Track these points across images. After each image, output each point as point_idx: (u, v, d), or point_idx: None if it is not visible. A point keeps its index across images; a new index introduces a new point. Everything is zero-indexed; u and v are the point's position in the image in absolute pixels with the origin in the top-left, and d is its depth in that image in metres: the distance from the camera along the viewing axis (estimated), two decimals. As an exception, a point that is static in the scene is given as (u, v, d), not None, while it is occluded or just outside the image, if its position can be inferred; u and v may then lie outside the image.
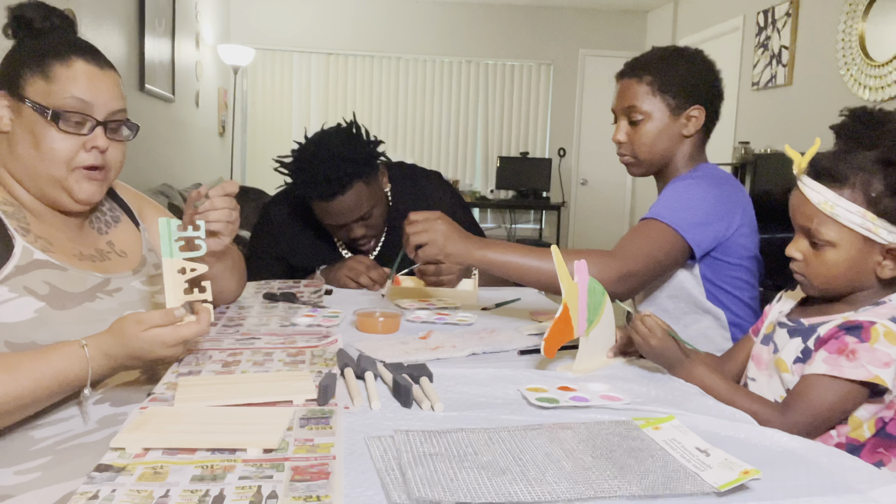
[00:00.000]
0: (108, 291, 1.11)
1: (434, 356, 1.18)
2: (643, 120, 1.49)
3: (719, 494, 0.70)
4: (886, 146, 1.03)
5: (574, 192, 7.09)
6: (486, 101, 6.97)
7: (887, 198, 1.02)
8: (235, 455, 0.74)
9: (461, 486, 0.68)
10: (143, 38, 3.93)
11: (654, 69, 1.49)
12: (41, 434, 0.99)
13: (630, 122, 1.51)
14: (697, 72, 1.50)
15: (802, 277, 1.11)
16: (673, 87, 1.47)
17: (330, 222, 1.80)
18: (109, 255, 1.19)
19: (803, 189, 1.09)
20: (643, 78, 1.49)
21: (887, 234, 1.03)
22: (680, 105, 1.48)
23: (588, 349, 1.15)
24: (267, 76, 6.63)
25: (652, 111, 1.48)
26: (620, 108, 1.53)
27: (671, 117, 1.48)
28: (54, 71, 1.07)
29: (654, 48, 1.57)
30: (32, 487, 0.96)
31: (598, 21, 6.89)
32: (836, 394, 1.02)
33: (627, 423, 0.87)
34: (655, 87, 1.48)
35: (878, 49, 3.70)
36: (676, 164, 1.52)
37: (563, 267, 1.12)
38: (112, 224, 1.25)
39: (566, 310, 1.09)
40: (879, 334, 1.01)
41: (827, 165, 1.06)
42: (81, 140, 1.08)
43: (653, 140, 1.49)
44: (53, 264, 1.05)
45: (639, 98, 1.49)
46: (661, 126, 1.49)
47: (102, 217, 1.24)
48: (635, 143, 1.51)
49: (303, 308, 1.51)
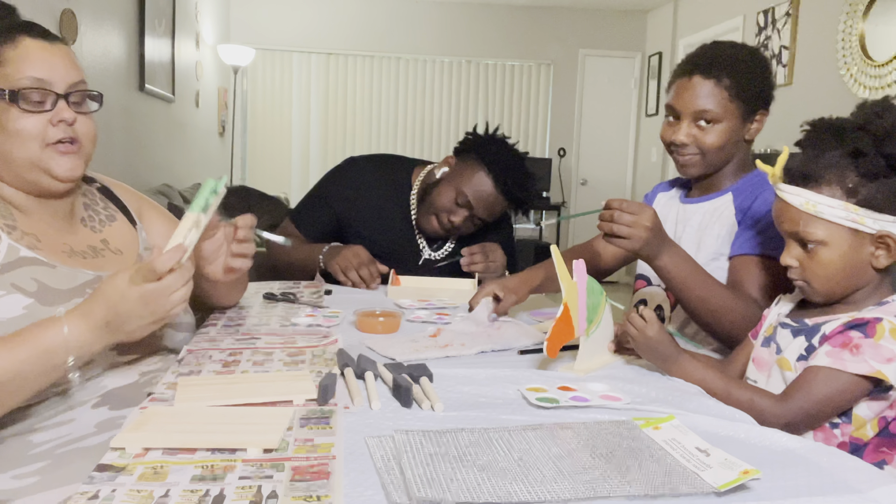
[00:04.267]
0: None
1: (443, 354, 1.19)
2: (713, 123, 1.40)
3: (719, 494, 0.70)
4: (850, 138, 1.06)
5: (574, 192, 7.09)
6: (486, 101, 6.96)
7: (863, 186, 1.05)
8: (235, 455, 0.74)
9: (461, 486, 0.68)
10: (143, 38, 3.93)
11: (733, 72, 1.39)
12: (39, 438, 0.99)
13: (696, 124, 1.41)
14: (767, 77, 1.44)
15: (803, 283, 1.12)
16: (748, 92, 1.40)
17: (468, 198, 1.85)
18: (104, 253, 1.17)
19: (783, 195, 1.11)
20: (722, 80, 1.39)
21: (873, 223, 1.05)
22: (750, 111, 1.41)
23: (588, 349, 1.15)
24: (267, 76, 6.63)
25: (724, 116, 1.40)
26: (690, 108, 1.41)
27: (740, 122, 1.42)
28: (3, 54, 1.05)
29: (717, 44, 1.47)
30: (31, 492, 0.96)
31: (598, 21, 6.89)
32: (837, 386, 1.02)
33: (627, 423, 0.87)
34: (733, 92, 1.39)
35: (878, 49, 3.70)
36: (731, 167, 1.47)
37: (563, 266, 1.13)
38: (107, 223, 1.23)
39: (566, 310, 1.09)
40: (885, 331, 1.02)
41: (800, 168, 1.09)
42: (46, 116, 1.06)
43: (722, 143, 1.41)
44: (41, 261, 1.04)
45: (715, 102, 1.39)
46: (730, 130, 1.41)
47: (97, 216, 1.22)
48: (702, 145, 1.42)
49: (303, 308, 1.51)
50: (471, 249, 1.84)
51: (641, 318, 1.11)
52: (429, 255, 2.02)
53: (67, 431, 1.01)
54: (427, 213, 1.92)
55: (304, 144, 6.71)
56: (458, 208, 1.87)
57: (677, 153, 1.46)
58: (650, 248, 1.29)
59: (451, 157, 1.96)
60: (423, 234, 2.00)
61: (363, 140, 6.77)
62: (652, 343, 1.10)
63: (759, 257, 1.35)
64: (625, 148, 7.03)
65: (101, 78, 3.35)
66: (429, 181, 1.97)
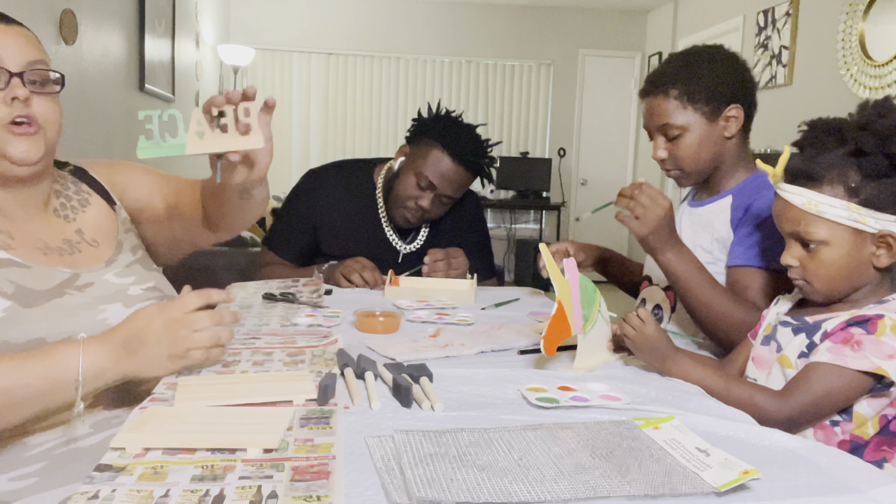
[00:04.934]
0: (78, 287, 1.07)
1: (443, 354, 1.19)
2: (681, 134, 1.42)
3: (719, 494, 0.70)
4: (852, 138, 1.06)
5: (574, 192, 7.09)
6: (486, 101, 6.96)
7: (866, 186, 1.05)
8: (235, 455, 0.74)
9: (461, 486, 0.68)
10: (143, 38, 3.92)
11: (677, 80, 1.41)
12: (36, 440, 0.98)
13: (667, 139, 1.44)
14: (723, 71, 1.42)
15: (804, 283, 1.12)
16: (703, 94, 1.40)
17: (430, 179, 1.86)
18: (79, 246, 1.13)
19: (784, 195, 1.11)
20: (669, 92, 1.42)
21: (875, 222, 1.05)
22: (715, 109, 1.41)
23: (587, 347, 1.15)
24: (267, 76, 6.63)
25: (688, 123, 1.41)
26: (654, 126, 1.46)
27: (709, 124, 1.42)
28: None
29: (670, 56, 1.50)
30: (30, 493, 0.96)
31: (598, 21, 6.89)
32: (838, 382, 1.02)
33: (627, 423, 0.87)
34: (685, 98, 1.41)
35: (878, 49, 3.70)
36: (725, 166, 1.46)
37: (553, 265, 1.13)
38: (79, 209, 1.18)
39: (561, 307, 1.09)
40: (886, 327, 1.02)
41: (802, 167, 1.09)
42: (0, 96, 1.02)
43: (696, 151, 1.42)
44: (16, 262, 1.02)
45: (670, 114, 1.42)
46: (700, 135, 1.41)
47: (68, 203, 1.17)
48: (678, 157, 1.44)
49: (303, 308, 1.51)
50: (434, 256, 1.85)
51: (638, 318, 1.11)
52: (405, 250, 2.03)
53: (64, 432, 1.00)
54: (396, 206, 1.95)
55: (304, 144, 6.71)
56: (423, 192, 1.89)
57: (664, 170, 1.49)
58: (657, 238, 1.29)
59: (404, 145, 1.98)
60: (395, 228, 2.01)
61: (363, 140, 6.77)
62: (651, 342, 1.10)
63: (758, 269, 1.35)
64: (625, 148, 7.03)
65: (101, 78, 3.35)
66: (390, 175, 1.99)
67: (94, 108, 3.29)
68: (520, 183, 6.70)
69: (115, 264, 1.15)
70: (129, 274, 1.16)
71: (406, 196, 1.91)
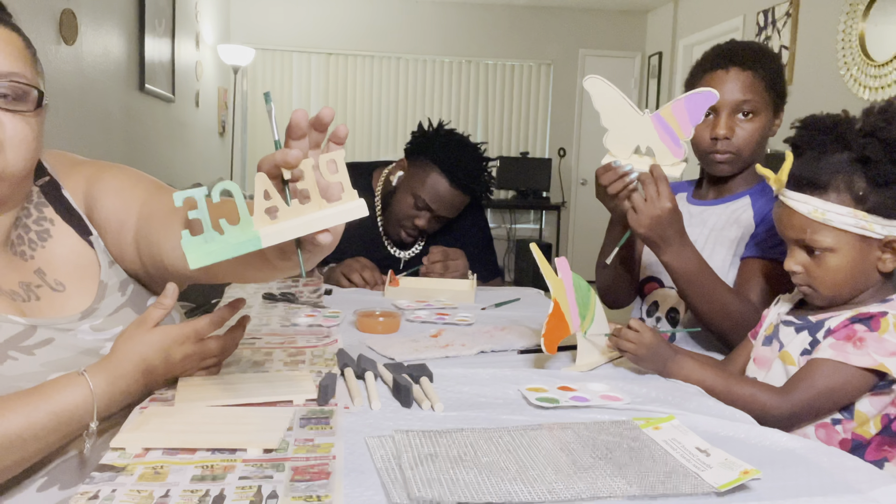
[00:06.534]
0: (26, 348, 0.85)
1: (444, 354, 1.19)
2: (752, 115, 1.37)
3: (719, 494, 0.70)
4: (858, 145, 1.05)
5: (574, 192, 7.09)
6: (486, 101, 6.96)
7: (873, 193, 1.04)
8: (235, 455, 0.74)
9: (461, 486, 0.68)
10: (143, 38, 3.92)
11: (766, 64, 1.38)
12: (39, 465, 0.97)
13: (743, 115, 1.38)
14: (782, 73, 1.44)
15: (808, 289, 1.11)
16: (779, 87, 1.39)
17: (427, 202, 1.86)
18: (40, 291, 0.91)
19: (789, 203, 1.09)
20: (758, 71, 1.36)
21: (882, 229, 1.04)
22: (778, 106, 1.41)
23: (586, 345, 1.16)
24: (267, 76, 6.63)
25: (763, 108, 1.38)
26: (730, 99, 1.37)
27: (771, 118, 1.41)
28: None
29: (737, 41, 1.47)
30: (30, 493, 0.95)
31: (598, 21, 6.89)
32: (840, 378, 1.02)
33: (627, 423, 0.87)
34: (769, 83, 1.38)
35: (878, 49, 3.70)
36: (750, 169, 1.44)
37: (546, 264, 1.13)
38: (38, 243, 0.93)
39: (557, 306, 1.10)
40: (889, 324, 1.02)
41: (806, 175, 1.07)
42: None
43: (759, 138, 1.39)
44: None
45: (754, 92, 1.37)
46: (764, 126, 1.40)
47: (26, 234, 0.93)
48: (741, 139, 1.38)
49: (303, 308, 1.51)
50: (432, 257, 1.86)
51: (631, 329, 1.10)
52: (403, 256, 2.04)
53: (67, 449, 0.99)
54: (392, 223, 1.96)
55: (304, 144, 6.71)
56: (420, 211, 1.90)
57: (716, 150, 1.40)
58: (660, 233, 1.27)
59: (403, 160, 1.97)
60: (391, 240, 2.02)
61: (363, 140, 6.77)
62: (651, 350, 1.10)
63: (765, 260, 1.35)
64: (625, 148, 7.02)
65: (101, 78, 3.35)
66: (387, 188, 1.99)
67: (93, 108, 3.29)
68: (520, 183, 6.70)
69: (96, 314, 0.93)
70: (114, 324, 0.94)
71: (403, 216, 1.92)
